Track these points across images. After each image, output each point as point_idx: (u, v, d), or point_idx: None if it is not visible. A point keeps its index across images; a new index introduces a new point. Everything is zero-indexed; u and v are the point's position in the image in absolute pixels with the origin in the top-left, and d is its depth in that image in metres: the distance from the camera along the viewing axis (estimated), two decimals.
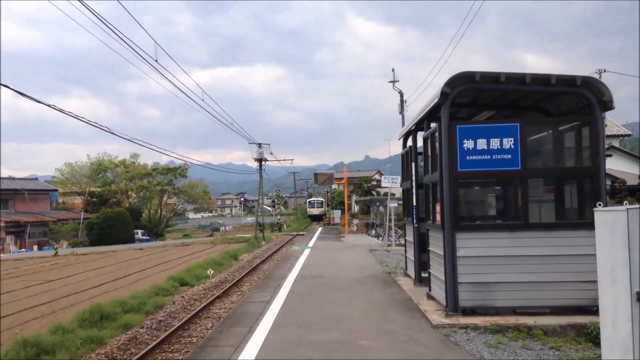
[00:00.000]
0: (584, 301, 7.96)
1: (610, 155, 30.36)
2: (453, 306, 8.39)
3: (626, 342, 5.40)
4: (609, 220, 5.75)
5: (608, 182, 26.33)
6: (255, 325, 8.55)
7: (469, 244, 8.32)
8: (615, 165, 30.43)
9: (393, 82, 32.03)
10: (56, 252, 37.51)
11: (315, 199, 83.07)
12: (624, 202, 5.95)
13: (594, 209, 6.16)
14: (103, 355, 9.79)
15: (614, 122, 37.59)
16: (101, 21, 13.01)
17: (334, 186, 64.00)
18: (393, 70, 32.26)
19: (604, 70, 24.65)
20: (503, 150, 8.25)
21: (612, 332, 5.77)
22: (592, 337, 7.19)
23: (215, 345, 7.61)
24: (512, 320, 8.01)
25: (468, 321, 8.07)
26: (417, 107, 9.56)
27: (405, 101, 31.93)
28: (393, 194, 24.99)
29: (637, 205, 5.66)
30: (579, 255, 7.86)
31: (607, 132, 32.80)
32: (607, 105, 8.22)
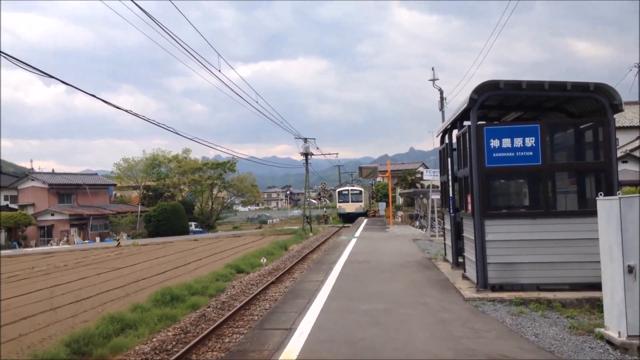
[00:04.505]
0: (599, 279, 8.70)
1: None
2: (483, 283, 9.56)
3: (620, 307, 6.66)
4: (607, 207, 6.97)
5: None
6: (313, 298, 9.99)
7: (496, 230, 9.47)
8: None
9: (433, 80, 32.81)
10: (119, 243, 39.92)
11: (350, 187, 61.70)
12: (616, 193, 7.13)
13: (596, 198, 7.40)
14: (179, 329, 11.17)
15: None
16: (152, 20, 13.40)
17: (378, 179, 64.38)
18: (433, 69, 33.11)
19: None
20: (525, 148, 9.32)
21: (610, 300, 7.02)
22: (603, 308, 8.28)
23: (282, 311, 9.13)
24: (534, 295, 9.10)
25: (496, 295, 9.24)
26: (460, 99, 10.52)
27: (445, 98, 32.71)
28: (436, 187, 25.65)
29: (629, 195, 6.89)
30: (592, 239, 8.47)
31: None
32: (618, 108, 9.23)
